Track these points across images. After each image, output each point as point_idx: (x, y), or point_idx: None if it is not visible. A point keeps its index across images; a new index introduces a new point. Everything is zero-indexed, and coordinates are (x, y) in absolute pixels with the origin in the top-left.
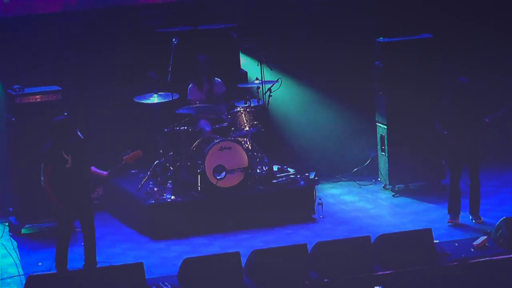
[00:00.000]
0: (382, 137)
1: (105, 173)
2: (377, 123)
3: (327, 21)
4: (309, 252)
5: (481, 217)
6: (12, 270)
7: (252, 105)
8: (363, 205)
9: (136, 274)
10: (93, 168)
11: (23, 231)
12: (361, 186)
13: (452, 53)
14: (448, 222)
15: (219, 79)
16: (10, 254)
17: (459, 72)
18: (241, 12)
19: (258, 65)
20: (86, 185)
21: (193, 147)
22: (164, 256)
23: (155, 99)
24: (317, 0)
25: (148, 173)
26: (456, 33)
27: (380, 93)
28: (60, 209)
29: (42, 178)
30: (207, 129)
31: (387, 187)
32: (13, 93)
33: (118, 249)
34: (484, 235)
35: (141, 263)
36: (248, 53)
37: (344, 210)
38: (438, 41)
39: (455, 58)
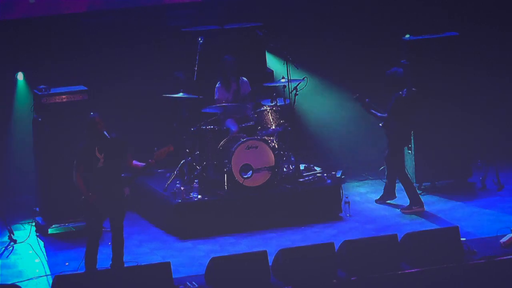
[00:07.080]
0: None
1: (142, 164)
2: None
3: (353, 19)
4: (336, 250)
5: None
6: (39, 270)
7: (278, 104)
8: (389, 203)
9: (163, 274)
10: (134, 162)
11: (49, 231)
12: None
13: (478, 51)
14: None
15: (245, 79)
16: (37, 254)
17: (485, 69)
18: (267, 11)
19: (284, 64)
20: (117, 185)
21: (220, 146)
22: (191, 255)
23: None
24: None
25: (175, 172)
26: (482, 31)
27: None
28: (91, 205)
29: (74, 174)
30: (234, 128)
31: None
32: (39, 93)
33: (145, 248)
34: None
35: (168, 263)
36: (274, 52)
37: (370, 208)
38: (464, 39)
39: (481, 56)
